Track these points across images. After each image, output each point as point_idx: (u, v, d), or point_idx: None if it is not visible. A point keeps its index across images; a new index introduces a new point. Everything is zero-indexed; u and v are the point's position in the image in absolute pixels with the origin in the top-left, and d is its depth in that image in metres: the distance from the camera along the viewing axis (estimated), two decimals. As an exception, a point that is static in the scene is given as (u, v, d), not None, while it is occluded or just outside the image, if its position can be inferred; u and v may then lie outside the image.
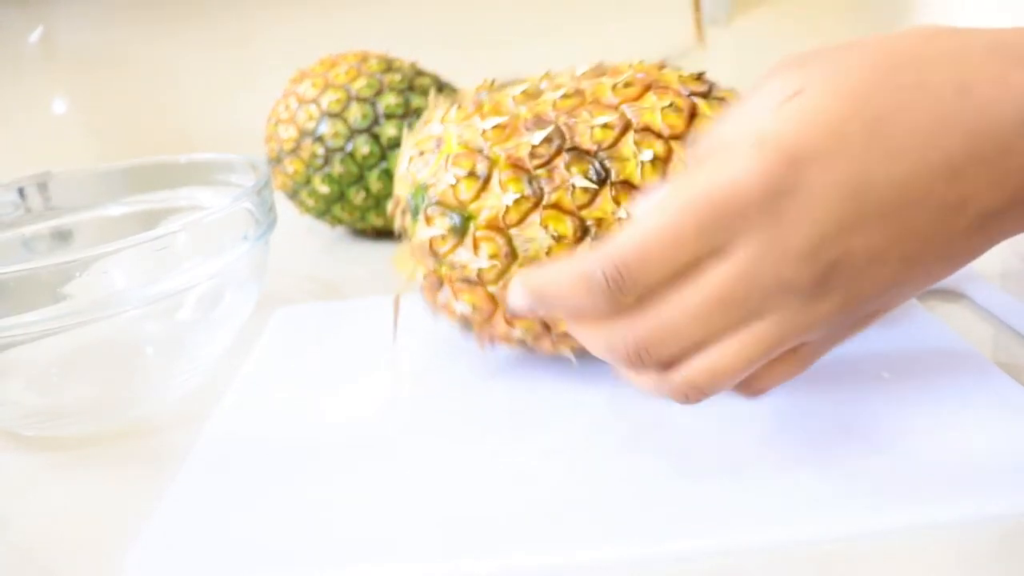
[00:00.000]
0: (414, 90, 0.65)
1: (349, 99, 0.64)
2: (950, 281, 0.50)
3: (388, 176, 0.64)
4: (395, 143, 0.64)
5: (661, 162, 0.38)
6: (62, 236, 0.55)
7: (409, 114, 0.64)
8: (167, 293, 0.41)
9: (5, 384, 0.44)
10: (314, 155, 0.65)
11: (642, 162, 0.38)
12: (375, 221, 0.67)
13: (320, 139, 0.64)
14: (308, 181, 0.66)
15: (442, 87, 0.67)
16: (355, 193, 0.65)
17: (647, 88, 0.39)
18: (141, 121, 1.03)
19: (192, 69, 1.01)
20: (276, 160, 0.67)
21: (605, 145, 0.38)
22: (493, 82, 0.42)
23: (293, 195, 0.68)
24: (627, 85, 0.39)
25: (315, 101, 0.65)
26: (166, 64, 1.01)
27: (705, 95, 0.40)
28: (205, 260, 0.43)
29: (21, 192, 0.54)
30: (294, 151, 0.66)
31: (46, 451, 0.44)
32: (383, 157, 0.64)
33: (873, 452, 0.35)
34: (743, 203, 0.26)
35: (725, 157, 0.26)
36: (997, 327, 0.47)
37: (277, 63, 0.72)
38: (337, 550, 0.33)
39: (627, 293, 0.27)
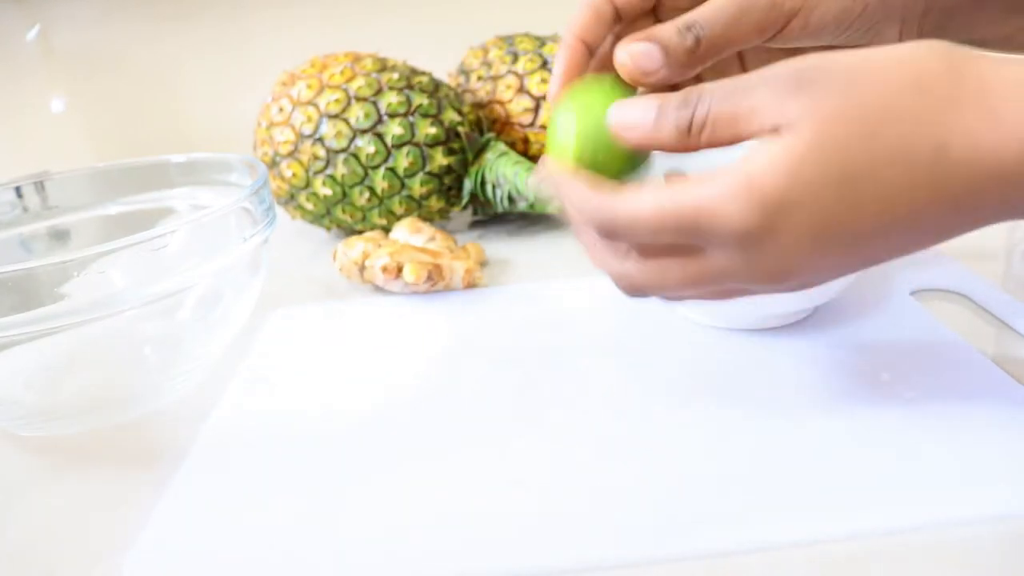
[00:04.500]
0: (413, 88, 0.65)
1: (348, 99, 0.64)
2: (950, 281, 0.50)
3: (394, 174, 0.64)
4: (400, 141, 0.64)
5: None
6: (60, 236, 0.55)
7: (412, 112, 0.64)
8: (165, 293, 0.41)
9: (4, 384, 0.44)
10: (315, 157, 0.64)
11: None
12: (378, 221, 0.67)
13: (320, 140, 0.64)
14: (307, 184, 0.66)
15: (438, 85, 0.67)
16: (359, 194, 0.65)
17: None
18: (139, 120, 1.03)
19: (190, 68, 1.01)
20: (271, 164, 0.67)
21: None
22: None
23: (289, 200, 0.68)
24: None
25: (312, 103, 0.65)
26: (164, 63, 1.01)
27: None
28: (203, 260, 0.43)
29: (19, 191, 0.54)
30: (292, 154, 0.65)
31: (45, 451, 0.44)
32: (388, 155, 0.64)
33: (873, 452, 0.35)
34: (722, 233, 0.30)
35: (717, 185, 0.29)
36: (997, 327, 0.47)
37: (276, 63, 0.72)
38: (337, 550, 0.33)
39: (614, 239, 0.33)
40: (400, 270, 0.55)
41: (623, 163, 0.34)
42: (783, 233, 0.29)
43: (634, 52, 0.35)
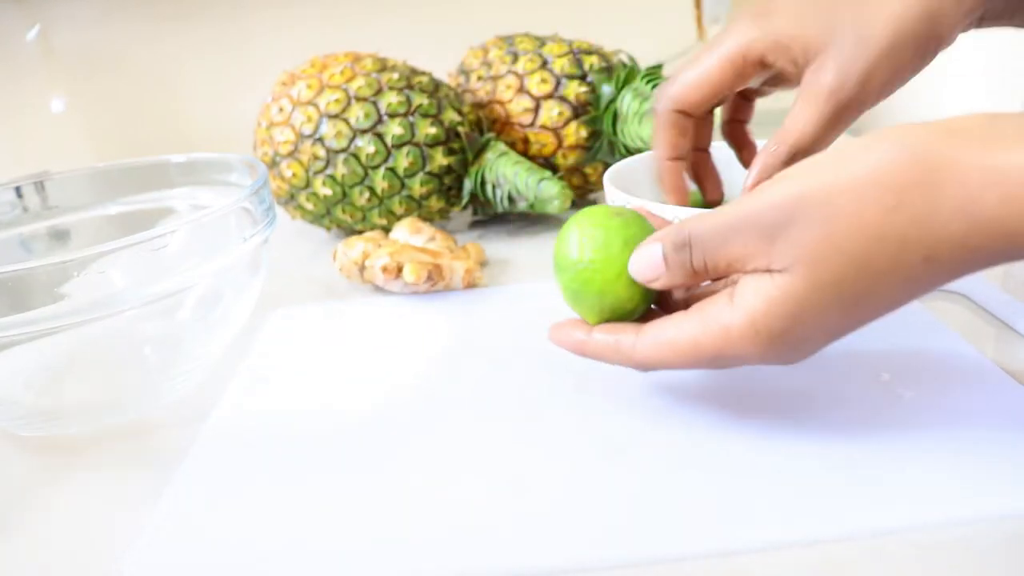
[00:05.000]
0: (413, 88, 0.65)
1: (348, 99, 0.64)
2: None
3: (394, 174, 0.64)
4: (400, 141, 0.64)
5: None
6: (60, 236, 0.55)
7: (412, 112, 0.64)
8: (165, 293, 0.41)
9: (4, 384, 0.44)
10: (315, 157, 0.64)
11: None
12: (378, 221, 0.67)
13: (320, 140, 0.64)
14: (307, 184, 0.66)
15: (439, 86, 0.67)
16: (359, 194, 0.65)
17: None
18: (139, 120, 1.03)
19: (190, 68, 1.01)
20: (271, 164, 0.67)
21: None
22: None
23: (289, 200, 0.68)
24: None
25: (312, 103, 0.65)
26: (164, 63, 1.01)
27: None
28: (203, 260, 0.43)
29: (18, 191, 0.54)
30: (292, 154, 0.65)
31: (45, 451, 0.44)
32: (388, 155, 0.64)
33: (873, 452, 0.35)
34: (742, 362, 0.34)
35: (725, 331, 0.33)
36: (997, 327, 0.47)
37: (276, 63, 0.72)
38: (337, 550, 0.33)
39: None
40: (400, 270, 0.55)
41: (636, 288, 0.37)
42: (792, 350, 0.33)
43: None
